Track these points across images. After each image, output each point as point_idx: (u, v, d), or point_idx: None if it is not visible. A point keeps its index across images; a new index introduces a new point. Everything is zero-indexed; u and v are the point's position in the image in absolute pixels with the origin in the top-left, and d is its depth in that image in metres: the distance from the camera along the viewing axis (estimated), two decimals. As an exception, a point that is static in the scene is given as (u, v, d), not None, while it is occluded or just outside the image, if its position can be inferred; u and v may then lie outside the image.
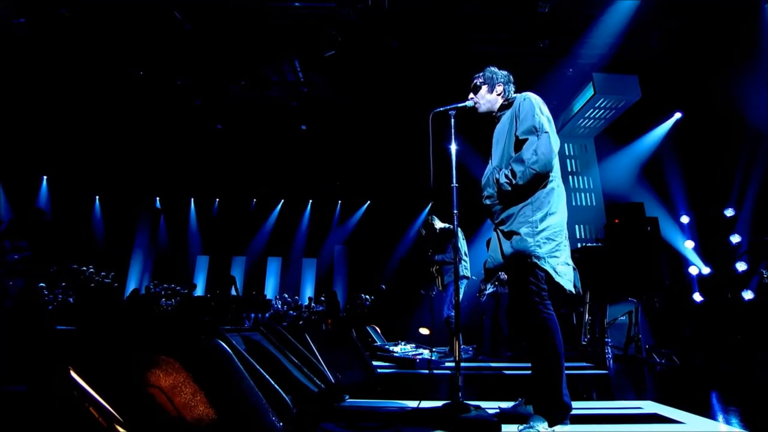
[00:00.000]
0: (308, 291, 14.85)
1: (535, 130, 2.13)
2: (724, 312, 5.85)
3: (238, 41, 7.90)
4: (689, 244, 7.28)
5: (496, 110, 2.43)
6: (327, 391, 2.34)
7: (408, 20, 7.23)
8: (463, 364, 4.56)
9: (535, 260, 2.06)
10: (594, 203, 8.90)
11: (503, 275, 6.29)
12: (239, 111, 10.62)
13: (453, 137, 2.48)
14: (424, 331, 7.45)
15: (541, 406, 2.02)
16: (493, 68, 2.47)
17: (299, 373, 2.30)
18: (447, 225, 5.51)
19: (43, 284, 9.00)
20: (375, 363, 3.98)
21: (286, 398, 1.61)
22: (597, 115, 8.09)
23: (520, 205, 2.14)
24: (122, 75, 8.87)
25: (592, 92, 7.14)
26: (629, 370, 4.35)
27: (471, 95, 2.47)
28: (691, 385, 3.52)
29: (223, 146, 12.21)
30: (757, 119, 5.79)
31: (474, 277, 6.39)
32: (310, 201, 16.11)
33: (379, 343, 5.94)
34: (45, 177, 13.25)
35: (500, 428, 2.00)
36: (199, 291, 14.39)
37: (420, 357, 4.51)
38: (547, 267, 2.06)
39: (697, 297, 6.93)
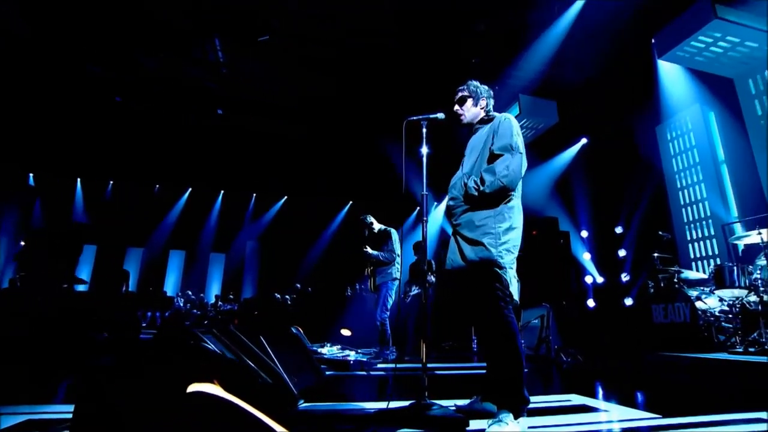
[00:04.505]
0: (215, 288, 13.79)
1: (511, 149, 2.27)
2: (612, 316, 6.78)
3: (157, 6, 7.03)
4: (587, 256, 8.31)
5: (476, 122, 2.57)
6: (285, 395, 2.17)
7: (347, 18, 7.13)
8: (390, 366, 4.60)
9: (498, 269, 2.18)
10: (512, 215, 9.54)
11: (431, 278, 6.48)
12: (146, 85, 9.36)
13: (425, 145, 2.57)
14: (345, 332, 7.36)
15: (506, 401, 2.11)
16: (475, 82, 2.59)
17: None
18: (383, 226, 5.50)
19: None
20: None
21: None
22: (520, 134, 8.65)
23: (483, 215, 2.26)
24: None
25: (518, 112, 7.60)
26: (541, 369, 4.75)
27: (456, 107, 2.59)
28: (596, 379, 3.97)
29: (122, 122, 10.60)
30: (646, 152, 6.88)
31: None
32: (222, 192, 14.94)
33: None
34: None
35: (468, 424, 2.08)
36: (85, 286, 12.51)
37: (352, 359, 4.46)
38: (507, 277, 2.21)
39: (591, 303, 7.94)
